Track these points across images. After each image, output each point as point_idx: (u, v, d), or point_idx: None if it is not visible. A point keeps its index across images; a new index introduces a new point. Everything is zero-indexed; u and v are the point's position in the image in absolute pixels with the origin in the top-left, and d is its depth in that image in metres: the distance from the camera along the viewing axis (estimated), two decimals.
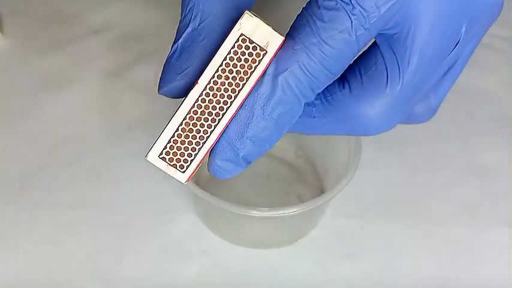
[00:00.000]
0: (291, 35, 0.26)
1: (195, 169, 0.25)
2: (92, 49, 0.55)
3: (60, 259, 0.41)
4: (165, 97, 0.27)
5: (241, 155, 0.26)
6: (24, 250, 0.41)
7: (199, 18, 0.26)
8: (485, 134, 0.49)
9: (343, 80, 0.28)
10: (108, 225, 0.42)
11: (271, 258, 0.42)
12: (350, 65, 0.28)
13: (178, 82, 0.26)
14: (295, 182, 0.46)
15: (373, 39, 0.27)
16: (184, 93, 0.26)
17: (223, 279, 0.40)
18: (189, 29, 0.26)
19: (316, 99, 0.28)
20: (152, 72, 0.52)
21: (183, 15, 0.27)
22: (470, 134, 0.49)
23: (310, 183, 0.46)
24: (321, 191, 0.44)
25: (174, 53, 0.26)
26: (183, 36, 0.26)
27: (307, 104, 0.28)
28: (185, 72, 0.26)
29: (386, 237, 0.43)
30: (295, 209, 0.37)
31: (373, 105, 0.27)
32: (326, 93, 0.28)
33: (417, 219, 0.44)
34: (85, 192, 0.44)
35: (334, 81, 0.28)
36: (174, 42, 0.27)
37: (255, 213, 0.37)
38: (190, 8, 0.26)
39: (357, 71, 0.28)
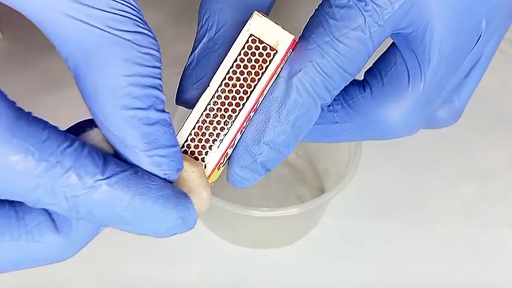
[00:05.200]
0: (303, 36, 0.25)
1: (211, 174, 0.25)
2: None
3: None
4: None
5: (259, 161, 0.26)
6: None
7: (215, 28, 0.26)
8: (485, 134, 0.49)
9: (363, 82, 0.27)
10: None
11: (271, 258, 0.41)
12: (370, 67, 0.28)
13: (195, 91, 0.26)
14: (295, 182, 0.46)
15: (391, 40, 0.27)
16: None
17: (223, 279, 0.40)
18: (205, 39, 0.26)
19: (336, 104, 0.27)
20: None
21: (199, 26, 0.27)
22: (470, 134, 0.49)
23: (310, 183, 0.45)
24: (321, 191, 0.44)
25: (190, 63, 0.26)
26: (199, 46, 0.26)
27: (328, 110, 0.27)
28: (201, 81, 0.26)
29: (386, 237, 0.43)
30: (295, 209, 0.37)
31: (396, 106, 0.26)
32: (347, 98, 0.27)
33: (417, 219, 0.44)
34: None
35: (354, 85, 0.27)
36: (191, 53, 0.27)
37: (255, 213, 0.37)
38: (207, 18, 0.26)
39: (376, 73, 0.27)
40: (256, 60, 0.24)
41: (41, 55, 0.53)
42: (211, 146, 0.25)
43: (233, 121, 0.25)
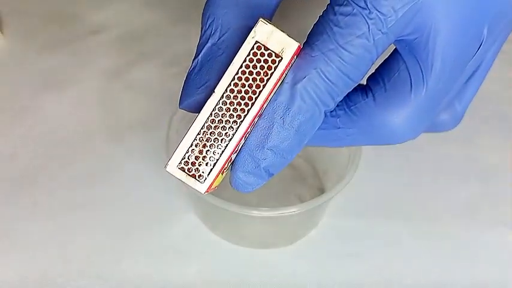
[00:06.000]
0: (308, 43, 0.25)
1: (215, 179, 0.25)
2: (92, 49, 0.55)
3: (60, 259, 0.41)
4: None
5: (262, 166, 0.26)
6: (24, 250, 0.41)
7: (218, 33, 0.26)
8: (486, 134, 0.49)
9: (366, 88, 0.27)
10: (108, 225, 0.42)
11: (271, 258, 0.41)
12: (372, 73, 0.28)
13: (198, 96, 0.26)
14: (295, 182, 0.46)
15: (394, 47, 0.27)
16: None
17: (223, 279, 0.40)
18: (208, 44, 0.26)
19: (339, 109, 0.28)
20: (152, 72, 0.52)
21: (203, 31, 0.27)
22: (470, 134, 0.49)
23: (310, 183, 0.45)
24: (321, 191, 0.44)
25: (194, 68, 0.26)
26: (202, 51, 0.26)
27: (331, 115, 0.28)
28: (205, 86, 0.26)
29: (386, 237, 0.43)
30: (295, 209, 0.37)
31: (399, 112, 0.27)
32: (349, 103, 0.27)
33: (417, 219, 0.44)
34: (85, 192, 0.44)
35: (357, 91, 0.27)
36: (194, 58, 0.26)
37: (255, 213, 0.37)
38: (210, 23, 0.26)
39: (379, 79, 0.27)
40: (262, 67, 0.24)
41: (41, 55, 0.53)
42: (215, 151, 0.25)
43: (238, 127, 0.25)
